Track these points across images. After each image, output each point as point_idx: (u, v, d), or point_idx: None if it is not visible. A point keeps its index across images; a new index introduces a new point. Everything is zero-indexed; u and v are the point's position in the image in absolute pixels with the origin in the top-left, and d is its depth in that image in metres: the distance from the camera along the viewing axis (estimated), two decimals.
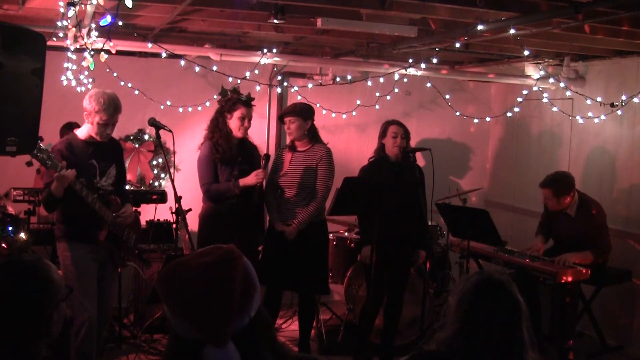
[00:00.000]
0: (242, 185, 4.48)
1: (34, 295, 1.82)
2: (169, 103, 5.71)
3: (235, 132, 4.56)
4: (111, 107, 3.86)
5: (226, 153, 4.51)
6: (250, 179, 4.48)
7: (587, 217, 4.91)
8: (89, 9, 3.62)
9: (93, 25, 4.00)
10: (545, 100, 5.76)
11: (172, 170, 4.50)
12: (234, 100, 4.56)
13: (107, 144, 4.05)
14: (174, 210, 4.64)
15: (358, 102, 6.00)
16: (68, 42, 4.20)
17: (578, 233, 4.90)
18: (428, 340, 2.11)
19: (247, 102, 4.60)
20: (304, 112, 4.67)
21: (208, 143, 4.55)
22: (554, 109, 5.85)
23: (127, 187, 4.96)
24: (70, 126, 4.84)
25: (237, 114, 4.53)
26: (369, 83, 5.52)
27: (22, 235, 4.39)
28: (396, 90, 5.79)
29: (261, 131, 6.24)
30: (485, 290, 2.04)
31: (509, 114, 6.11)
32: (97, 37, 4.15)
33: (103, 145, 4.00)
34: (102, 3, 3.31)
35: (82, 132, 3.99)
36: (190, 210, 4.79)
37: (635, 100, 5.08)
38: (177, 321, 1.49)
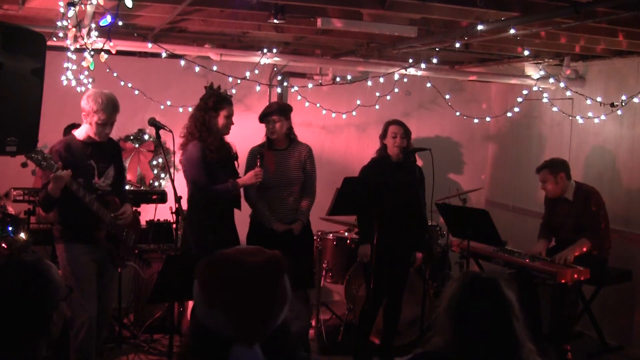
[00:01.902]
0: (241, 185, 4.43)
1: (34, 295, 1.81)
2: (169, 103, 5.71)
3: (223, 131, 4.43)
4: (109, 107, 3.86)
5: (221, 153, 4.41)
6: (249, 179, 4.40)
7: (586, 198, 5.04)
8: (89, 9, 3.62)
9: (93, 25, 4.00)
10: (545, 100, 5.76)
11: (172, 170, 4.48)
12: (220, 99, 4.43)
13: (106, 144, 4.05)
14: (174, 210, 4.63)
15: (358, 102, 6.00)
16: (68, 42, 4.19)
17: (577, 217, 5.01)
18: (426, 343, 2.11)
19: (230, 100, 4.51)
20: (288, 111, 4.65)
21: (198, 143, 4.34)
22: (554, 109, 5.85)
23: (127, 187, 4.96)
24: (74, 128, 4.82)
25: (224, 112, 4.39)
26: (369, 83, 5.52)
27: (22, 235, 4.39)
28: (396, 90, 5.78)
29: (261, 131, 6.21)
30: (470, 290, 2.05)
31: (509, 114, 6.11)
32: (97, 37, 4.15)
33: (101, 146, 4.00)
34: (102, 3, 3.31)
35: (80, 133, 3.98)
36: None
37: (635, 100, 5.08)
38: (210, 313, 1.49)
